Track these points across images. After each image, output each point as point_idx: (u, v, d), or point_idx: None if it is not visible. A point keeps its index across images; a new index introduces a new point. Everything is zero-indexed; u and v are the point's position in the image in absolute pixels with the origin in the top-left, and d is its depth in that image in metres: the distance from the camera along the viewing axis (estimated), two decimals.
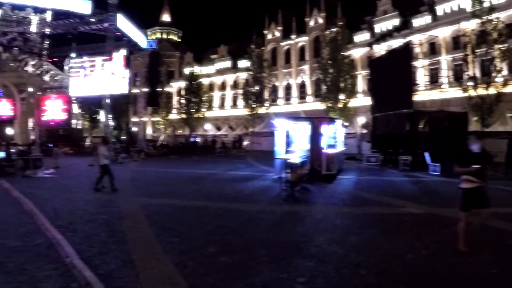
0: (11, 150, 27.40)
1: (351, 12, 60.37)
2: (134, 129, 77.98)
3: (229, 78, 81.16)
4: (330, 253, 7.59)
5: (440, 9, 51.80)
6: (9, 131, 60.74)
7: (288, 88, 71.79)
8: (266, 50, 72.91)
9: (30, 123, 61.16)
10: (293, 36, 70.26)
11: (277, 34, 73.29)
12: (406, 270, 6.76)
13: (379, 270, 6.72)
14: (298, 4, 73.24)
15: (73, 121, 69.16)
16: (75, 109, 71.01)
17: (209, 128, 73.60)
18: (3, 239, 9.08)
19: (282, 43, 72.54)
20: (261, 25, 75.01)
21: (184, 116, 73.51)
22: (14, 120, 61.36)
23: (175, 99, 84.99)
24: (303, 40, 69.39)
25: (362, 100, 54.99)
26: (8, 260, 7.42)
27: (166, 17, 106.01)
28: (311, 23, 67.23)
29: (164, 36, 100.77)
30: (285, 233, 9.26)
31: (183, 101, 75.50)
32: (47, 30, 53.14)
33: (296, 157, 16.32)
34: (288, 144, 20.14)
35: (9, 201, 14.44)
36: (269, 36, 74.23)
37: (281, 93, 72.21)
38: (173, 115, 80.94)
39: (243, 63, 75.04)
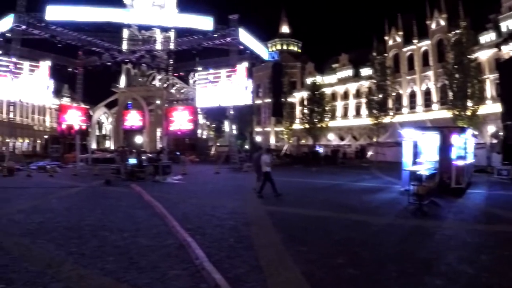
0: (142, 157, 29.28)
1: (474, 11, 56.52)
2: (258, 138, 79.69)
3: (352, 87, 79.96)
4: (460, 272, 7.37)
5: None
6: (139, 139, 65.27)
7: (412, 95, 68.80)
8: (388, 56, 70.77)
9: (158, 132, 65.13)
10: (415, 41, 67.29)
11: (398, 39, 70.77)
12: None
13: None
14: (418, 6, 70.40)
15: (199, 131, 72.47)
16: (201, 119, 74.23)
17: (332, 138, 73.31)
18: (137, 237, 9.89)
19: (404, 49, 69.84)
20: (381, 30, 73.26)
21: (307, 126, 73.80)
22: (143, 129, 65.99)
23: (298, 109, 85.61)
24: (425, 44, 66.22)
25: (491, 107, 51.59)
26: (142, 258, 8.10)
27: (285, 29, 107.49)
28: (433, 26, 64.01)
29: (284, 47, 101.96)
30: (414, 248, 9.11)
31: (306, 111, 75.92)
32: (172, 47, 56.10)
33: (424, 169, 15.94)
34: (416, 155, 19.64)
35: (142, 204, 15.51)
36: (390, 42, 71.93)
37: (405, 101, 69.40)
38: (296, 125, 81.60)
39: (365, 71, 73.70)
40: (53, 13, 42.31)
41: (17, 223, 11.88)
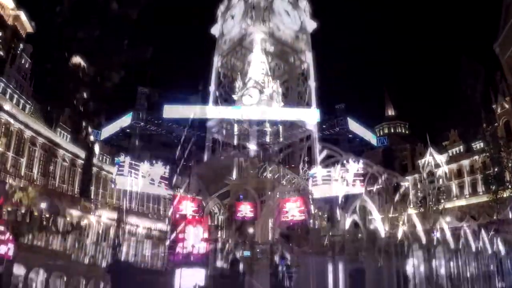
0: (256, 250, 29.68)
1: None
2: (372, 226, 77.97)
3: (465, 163, 77.86)
4: None
5: None
6: (251, 230, 66.14)
7: None
8: (499, 126, 67.95)
9: (270, 223, 65.74)
10: None
11: (506, 106, 67.97)
12: None
13: None
14: None
15: (311, 221, 72.18)
16: (313, 209, 74.22)
17: (449, 221, 70.28)
18: None
19: None
20: (487, 99, 71.10)
21: (422, 209, 71.26)
22: (255, 220, 66.75)
23: (411, 192, 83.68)
24: None
25: None
26: None
27: (390, 111, 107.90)
28: None
29: (392, 130, 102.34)
30: None
31: (419, 194, 73.74)
32: (281, 139, 57.66)
33: None
34: None
35: None
36: (499, 110, 69.43)
37: None
38: (411, 210, 78.97)
39: (478, 144, 71.59)
40: (170, 112, 45.44)
41: None
